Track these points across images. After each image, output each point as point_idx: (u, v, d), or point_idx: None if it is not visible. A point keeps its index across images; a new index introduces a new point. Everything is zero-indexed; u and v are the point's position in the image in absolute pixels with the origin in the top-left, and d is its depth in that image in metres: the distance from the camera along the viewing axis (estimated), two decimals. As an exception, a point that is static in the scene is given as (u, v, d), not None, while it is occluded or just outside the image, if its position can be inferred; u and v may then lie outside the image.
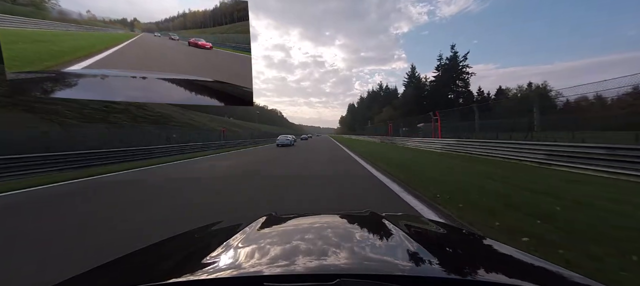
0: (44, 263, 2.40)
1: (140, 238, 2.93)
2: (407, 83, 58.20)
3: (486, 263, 0.83)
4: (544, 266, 0.77)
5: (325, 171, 8.32)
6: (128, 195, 5.55)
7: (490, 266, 0.80)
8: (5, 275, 2.24)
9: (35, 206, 4.76)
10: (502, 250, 0.99)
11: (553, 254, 2.20)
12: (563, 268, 0.72)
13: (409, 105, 48.87)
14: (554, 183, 5.37)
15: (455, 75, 49.45)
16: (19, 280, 2.17)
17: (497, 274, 0.71)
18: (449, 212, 3.61)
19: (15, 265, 2.42)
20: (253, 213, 1.29)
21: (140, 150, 15.72)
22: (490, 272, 0.73)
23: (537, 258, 0.80)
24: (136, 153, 15.27)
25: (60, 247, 2.78)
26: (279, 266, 0.65)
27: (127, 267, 0.86)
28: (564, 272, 0.70)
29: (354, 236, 0.93)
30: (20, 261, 2.49)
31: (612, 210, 3.44)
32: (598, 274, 1.88)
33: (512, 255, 0.88)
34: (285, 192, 5.43)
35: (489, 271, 0.74)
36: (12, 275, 2.25)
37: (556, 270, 0.73)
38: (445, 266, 0.69)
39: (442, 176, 6.41)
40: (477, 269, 0.75)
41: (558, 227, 2.81)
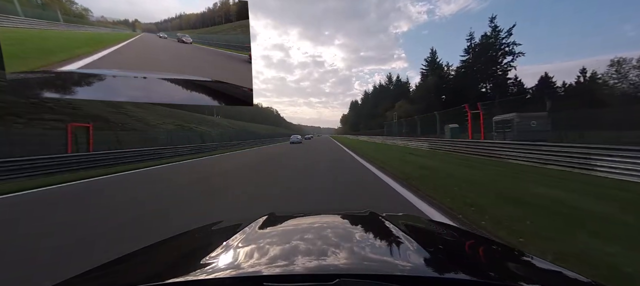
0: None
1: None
2: (427, 72, 48.37)
3: (486, 263, 0.83)
4: (544, 266, 0.77)
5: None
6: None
7: (490, 266, 0.80)
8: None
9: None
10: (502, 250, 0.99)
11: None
12: (563, 268, 0.72)
13: (429, 98, 40.64)
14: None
15: (495, 56, 37.26)
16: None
17: (497, 274, 0.71)
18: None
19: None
20: (253, 213, 1.27)
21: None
22: (490, 272, 0.73)
23: (537, 258, 0.80)
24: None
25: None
26: (279, 266, 0.65)
27: (127, 267, 0.86)
28: (564, 272, 0.70)
29: (353, 236, 0.93)
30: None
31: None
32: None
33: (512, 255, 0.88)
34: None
35: (489, 271, 0.74)
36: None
37: (556, 269, 0.73)
38: (445, 266, 0.69)
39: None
40: (477, 269, 0.75)
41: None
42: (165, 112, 36.06)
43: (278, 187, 6.27)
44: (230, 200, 5.07)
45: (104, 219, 4.01)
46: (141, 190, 6.53)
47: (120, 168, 10.52)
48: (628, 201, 3.94)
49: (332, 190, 5.65)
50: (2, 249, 2.97)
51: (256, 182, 7.03)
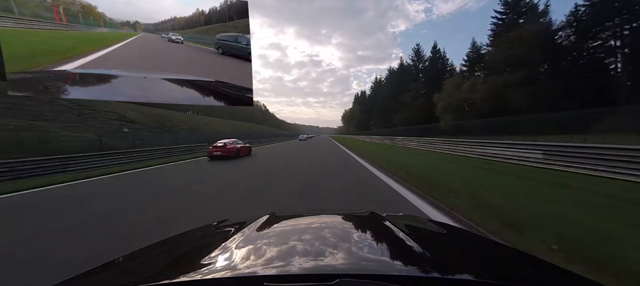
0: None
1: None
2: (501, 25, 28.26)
3: (486, 263, 0.83)
4: (544, 267, 0.77)
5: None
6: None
7: (490, 266, 0.80)
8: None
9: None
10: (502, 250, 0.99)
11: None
12: (563, 268, 0.72)
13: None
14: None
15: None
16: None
17: (497, 274, 0.71)
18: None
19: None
20: (254, 213, 1.26)
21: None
22: (490, 272, 0.73)
23: (537, 258, 0.80)
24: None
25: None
26: (279, 266, 0.65)
27: (127, 267, 0.86)
28: (564, 272, 0.70)
29: (354, 237, 0.93)
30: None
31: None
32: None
33: (512, 255, 0.88)
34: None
35: (489, 271, 0.74)
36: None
37: (556, 269, 0.73)
38: (445, 267, 0.69)
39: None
40: (477, 269, 0.75)
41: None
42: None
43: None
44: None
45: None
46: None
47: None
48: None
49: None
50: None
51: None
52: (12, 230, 3.52)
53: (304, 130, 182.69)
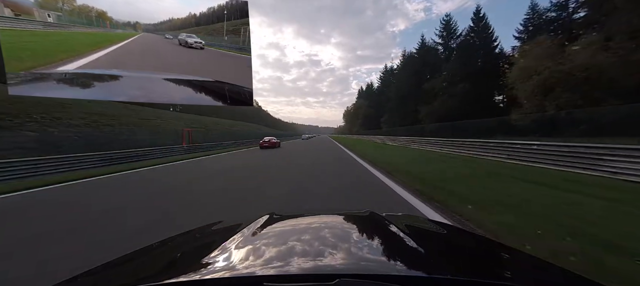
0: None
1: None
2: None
3: (486, 263, 0.83)
4: (544, 267, 0.77)
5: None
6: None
7: (490, 267, 0.80)
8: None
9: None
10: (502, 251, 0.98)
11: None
12: (563, 268, 0.72)
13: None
14: None
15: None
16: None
17: (497, 274, 0.71)
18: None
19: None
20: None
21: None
22: (490, 272, 0.73)
23: (537, 258, 0.80)
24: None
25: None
26: (279, 266, 0.65)
27: (127, 267, 0.86)
28: (564, 272, 0.70)
29: (353, 237, 0.93)
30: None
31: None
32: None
33: (512, 255, 0.88)
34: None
35: (488, 271, 0.74)
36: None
37: (556, 270, 0.73)
38: (445, 267, 0.69)
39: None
40: (477, 269, 0.75)
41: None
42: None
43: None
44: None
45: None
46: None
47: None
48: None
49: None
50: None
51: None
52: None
53: (304, 130, 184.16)
